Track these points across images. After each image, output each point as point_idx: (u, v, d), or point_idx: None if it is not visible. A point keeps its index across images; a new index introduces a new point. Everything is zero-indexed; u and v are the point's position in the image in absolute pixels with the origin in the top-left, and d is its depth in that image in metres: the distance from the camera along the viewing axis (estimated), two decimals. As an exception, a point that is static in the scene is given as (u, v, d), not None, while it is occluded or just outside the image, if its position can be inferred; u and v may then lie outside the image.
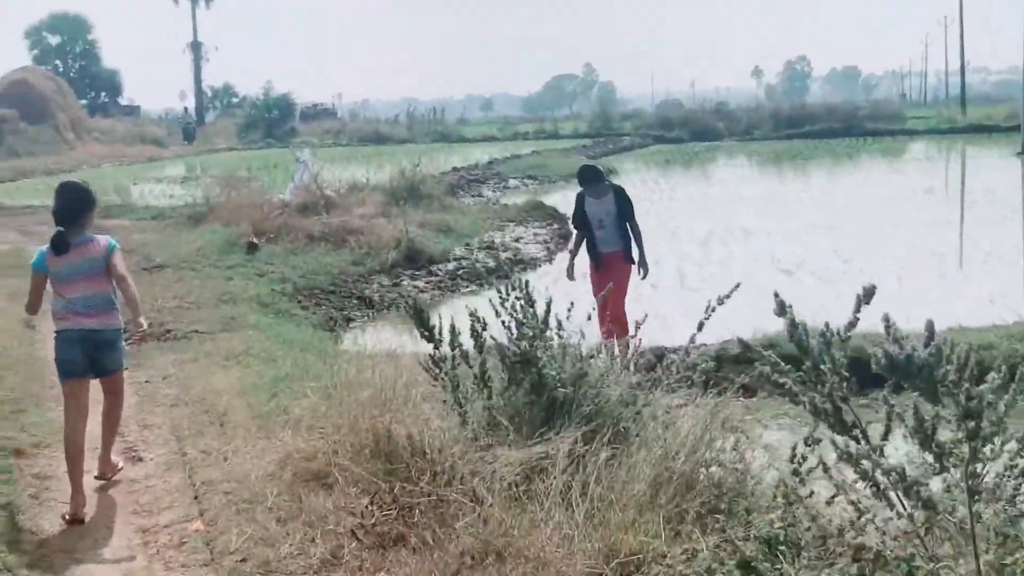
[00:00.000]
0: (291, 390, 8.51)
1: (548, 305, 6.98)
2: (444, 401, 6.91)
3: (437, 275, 16.86)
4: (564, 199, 29.43)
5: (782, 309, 3.78)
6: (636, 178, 37.19)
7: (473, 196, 30.04)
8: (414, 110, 74.60)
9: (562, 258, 19.20)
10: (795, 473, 5.16)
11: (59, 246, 6.88)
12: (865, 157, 43.90)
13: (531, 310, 7.01)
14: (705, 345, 11.52)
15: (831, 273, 16.46)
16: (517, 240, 20.41)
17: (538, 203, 25.29)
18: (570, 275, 11.48)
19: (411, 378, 7.47)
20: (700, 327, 6.82)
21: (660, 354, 11.14)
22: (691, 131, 59.68)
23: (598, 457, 5.81)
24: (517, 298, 7.15)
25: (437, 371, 6.83)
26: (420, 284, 16.24)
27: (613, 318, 10.91)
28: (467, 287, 16.60)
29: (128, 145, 55.11)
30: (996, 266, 16.98)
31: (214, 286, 14.25)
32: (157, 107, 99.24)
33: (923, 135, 55.78)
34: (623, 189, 11.30)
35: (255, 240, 17.15)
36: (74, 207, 7.03)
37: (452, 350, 6.79)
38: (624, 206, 11.05)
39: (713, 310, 6.79)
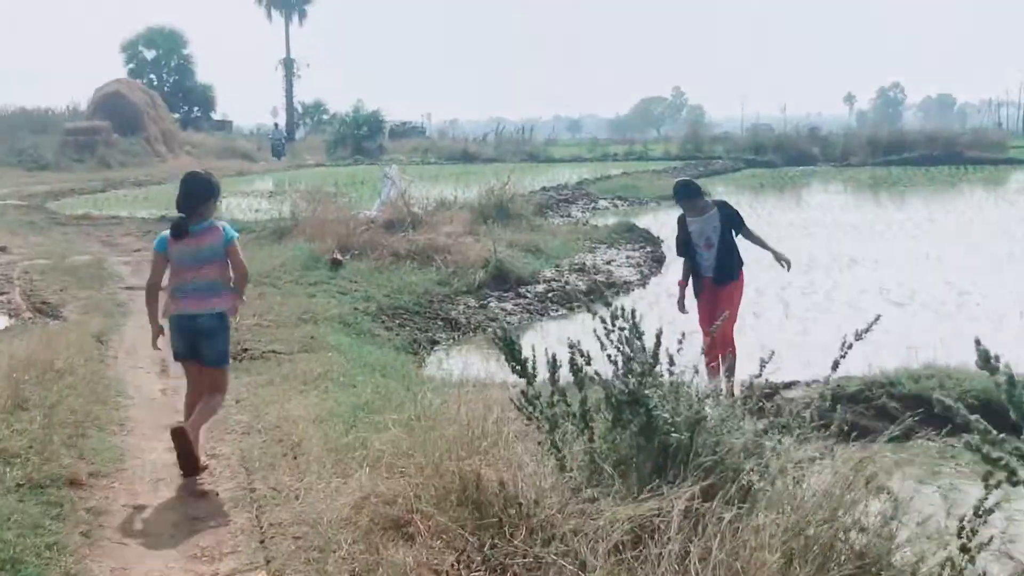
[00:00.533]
0: (371, 421, 7.82)
1: (658, 337, 6.18)
2: (539, 443, 6.17)
3: (526, 297, 16.13)
4: (656, 220, 28.62)
5: (987, 360, 2.97)
6: (730, 201, 36.17)
7: (562, 216, 29.30)
8: (503, 129, 74.09)
9: (656, 282, 18.40)
10: (963, 549, 4.33)
11: (177, 232, 7.28)
12: (966, 186, 42.40)
13: (638, 342, 6.23)
14: (818, 383, 10.67)
15: (947, 307, 15.43)
16: (609, 263, 19.62)
17: (630, 224, 24.47)
18: (681, 307, 10.63)
19: (501, 414, 6.75)
20: (835, 366, 6.00)
21: (770, 392, 10.35)
22: (784, 155, 58.30)
23: (721, 518, 5.00)
24: (621, 328, 6.37)
25: (531, 409, 6.08)
26: (508, 306, 15.53)
27: (721, 341, 10.17)
28: (557, 311, 15.84)
29: (219, 159, 55.20)
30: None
31: (295, 304, 13.66)
32: (249, 122, 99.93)
33: (1028, 164, 53.91)
34: (726, 202, 10.51)
35: (339, 256, 16.58)
36: (195, 196, 7.38)
37: (552, 385, 6.04)
38: (732, 218, 10.27)
39: (850, 347, 5.95)
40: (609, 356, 6.22)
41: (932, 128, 70.81)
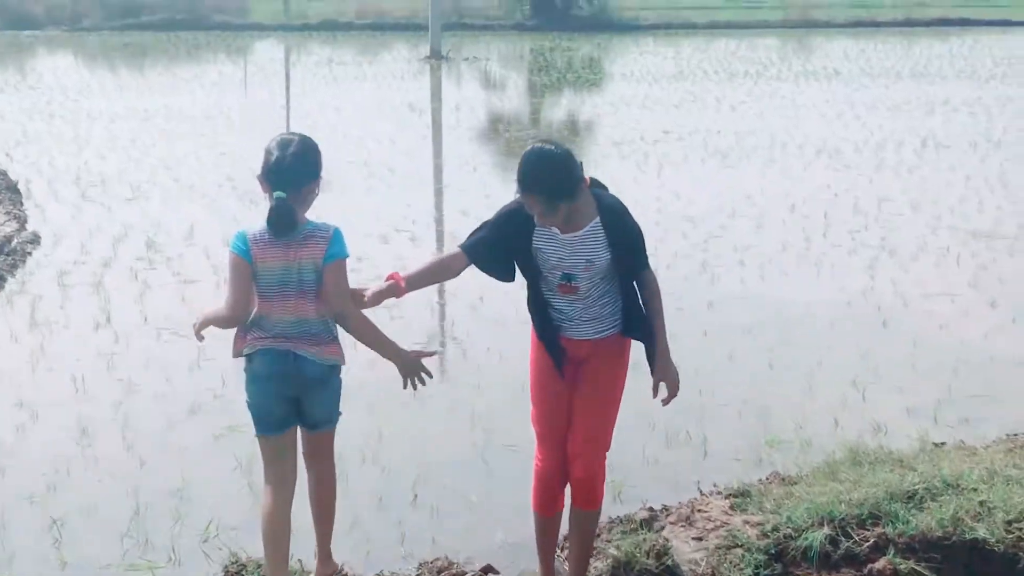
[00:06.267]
0: None
1: None
2: None
3: None
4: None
5: None
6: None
7: None
8: None
9: (49, 234, 11.86)
10: None
11: (280, 223, 4.25)
12: (251, 58, 38.24)
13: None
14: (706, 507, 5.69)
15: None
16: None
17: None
18: (373, 303, 4.63)
19: None
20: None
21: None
22: (4, 18, 49.87)
23: None
24: None
25: None
26: None
27: (584, 465, 4.86)
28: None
29: None
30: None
31: None
32: None
33: (277, 31, 50.89)
34: (619, 207, 4.72)
35: None
36: (298, 168, 4.30)
37: None
38: (626, 245, 4.63)
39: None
40: None
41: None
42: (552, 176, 4.44)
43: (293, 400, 4.46)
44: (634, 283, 4.71)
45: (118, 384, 7.61)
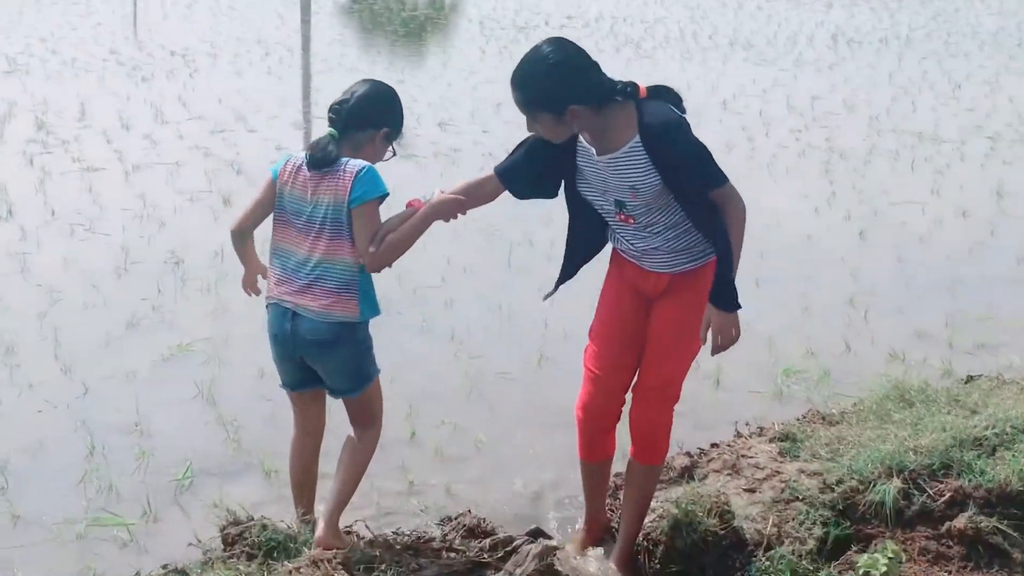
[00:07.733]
0: None
1: None
2: None
3: None
4: None
5: None
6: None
7: None
8: None
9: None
10: None
11: (315, 156, 3.76)
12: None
13: None
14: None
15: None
16: None
17: None
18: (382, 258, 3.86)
19: None
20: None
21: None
22: None
23: None
24: None
25: None
26: None
27: (648, 411, 4.10)
28: None
29: None
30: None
31: None
32: None
33: None
34: (664, 122, 3.70)
35: None
36: (355, 112, 3.82)
37: None
38: (677, 166, 3.70)
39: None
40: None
41: None
42: (531, 80, 3.69)
43: (301, 363, 3.92)
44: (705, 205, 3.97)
45: (37, 291, 6.67)
